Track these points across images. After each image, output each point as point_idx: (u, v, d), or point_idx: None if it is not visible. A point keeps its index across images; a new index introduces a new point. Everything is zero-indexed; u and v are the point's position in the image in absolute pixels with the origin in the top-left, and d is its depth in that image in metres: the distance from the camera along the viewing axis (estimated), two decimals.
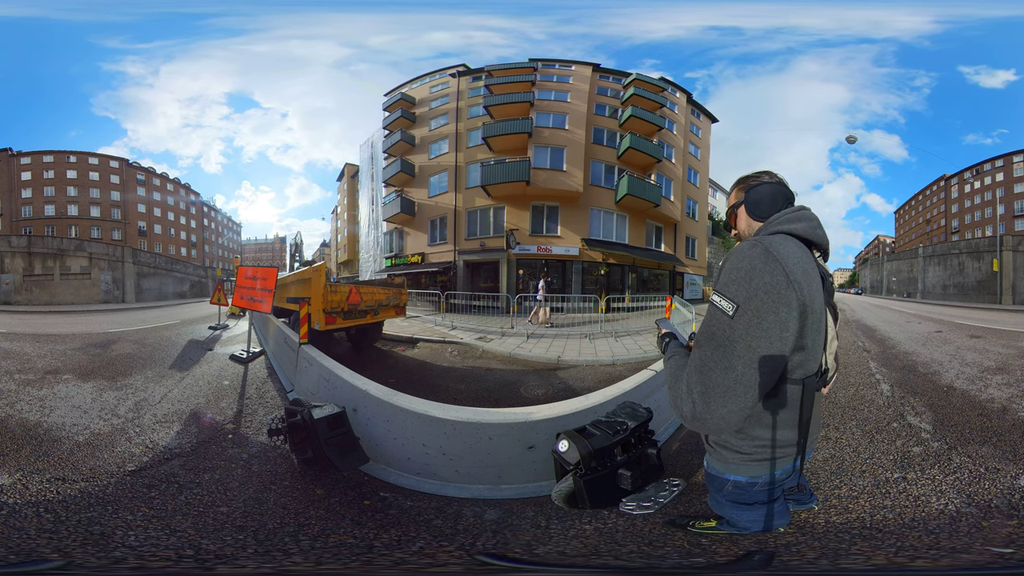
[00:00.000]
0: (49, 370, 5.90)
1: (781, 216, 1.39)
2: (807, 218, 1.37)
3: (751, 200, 1.49)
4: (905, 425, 3.87)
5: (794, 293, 1.16)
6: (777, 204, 1.45)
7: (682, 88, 25.55)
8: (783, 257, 1.19)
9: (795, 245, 1.26)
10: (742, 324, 1.17)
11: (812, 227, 1.35)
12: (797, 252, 1.24)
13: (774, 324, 1.16)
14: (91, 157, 43.61)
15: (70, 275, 23.68)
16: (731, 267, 1.25)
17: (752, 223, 1.50)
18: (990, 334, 9.38)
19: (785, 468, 1.38)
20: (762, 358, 1.17)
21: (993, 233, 33.84)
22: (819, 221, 1.39)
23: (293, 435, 3.16)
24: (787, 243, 1.25)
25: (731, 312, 1.19)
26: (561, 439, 1.57)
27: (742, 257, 1.23)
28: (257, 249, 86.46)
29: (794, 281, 1.17)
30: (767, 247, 1.21)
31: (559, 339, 9.76)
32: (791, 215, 1.38)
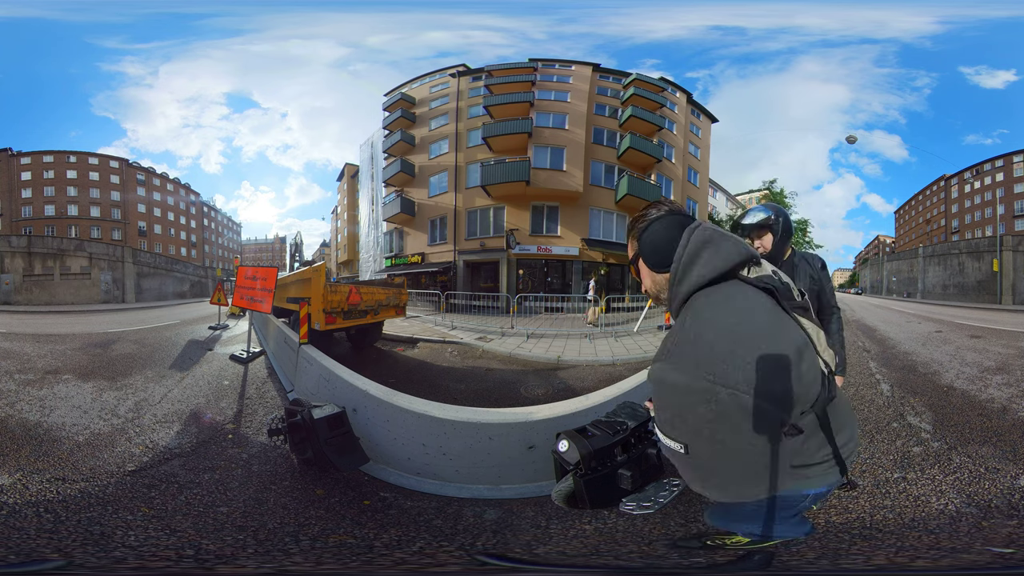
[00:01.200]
0: (49, 370, 5.90)
1: (680, 266, 1.14)
2: (704, 242, 1.13)
3: (646, 251, 1.24)
4: (905, 425, 3.87)
5: (751, 395, 0.96)
6: (674, 243, 1.17)
7: (682, 88, 25.54)
8: (718, 366, 0.97)
9: (717, 305, 1.06)
10: (700, 459, 1.03)
11: (715, 253, 1.11)
12: (724, 320, 1.03)
13: (745, 439, 0.98)
14: (91, 157, 43.58)
15: (70, 275, 23.68)
16: (659, 403, 1.09)
17: (656, 277, 1.24)
18: (990, 334, 9.38)
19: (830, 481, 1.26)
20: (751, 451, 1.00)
21: (993, 233, 33.83)
22: (718, 233, 1.16)
23: (293, 435, 3.16)
24: (706, 324, 1.04)
25: (682, 450, 1.04)
26: (561, 439, 1.57)
27: (664, 390, 1.05)
28: (257, 249, 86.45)
29: (745, 383, 0.96)
30: (688, 367, 0.99)
31: (559, 339, 9.76)
32: (688, 257, 1.13)
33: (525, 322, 11.89)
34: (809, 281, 2.51)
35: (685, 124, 25.44)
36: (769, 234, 2.47)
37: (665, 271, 1.19)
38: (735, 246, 1.14)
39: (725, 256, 1.11)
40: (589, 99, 21.29)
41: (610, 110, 21.99)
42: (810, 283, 2.51)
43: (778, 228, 2.45)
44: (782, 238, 2.47)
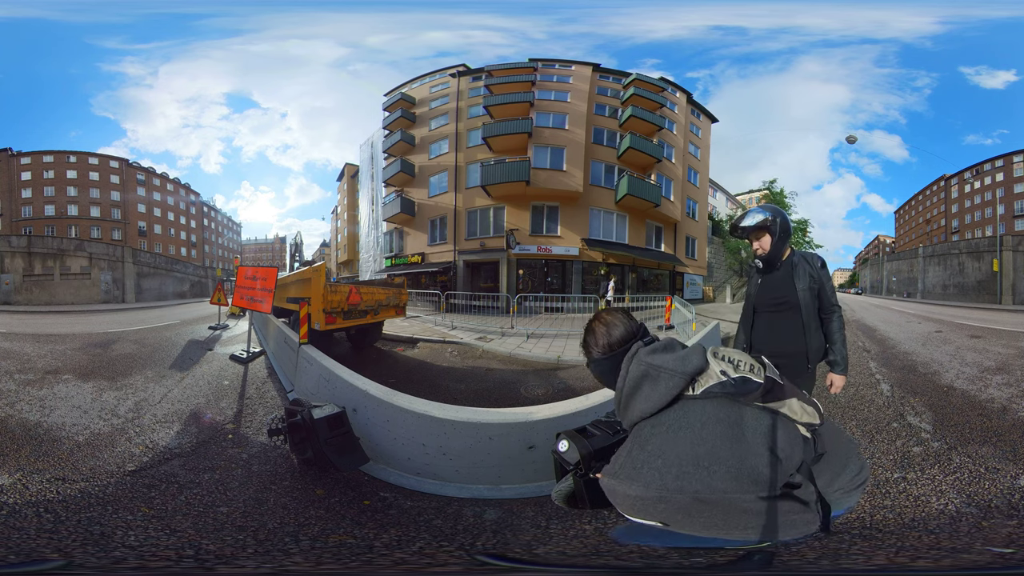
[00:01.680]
0: (49, 370, 5.90)
1: (624, 396, 1.24)
2: (646, 376, 1.21)
3: (598, 378, 1.38)
4: (905, 425, 3.87)
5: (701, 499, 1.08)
6: (614, 374, 1.30)
7: (682, 88, 25.56)
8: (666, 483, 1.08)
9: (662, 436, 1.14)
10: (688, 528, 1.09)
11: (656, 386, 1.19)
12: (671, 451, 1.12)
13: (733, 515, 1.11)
14: (91, 157, 43.58)
15: (70, 275, 23.68)
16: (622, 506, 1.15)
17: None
18: (990, 334, 9.38)
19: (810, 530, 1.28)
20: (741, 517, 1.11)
21: (993, 233, 33.82)
22: (655, 366, 1.21)
23: (293, 435, 3.16)
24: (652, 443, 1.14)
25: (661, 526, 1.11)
26: (561, 439, 1.56)
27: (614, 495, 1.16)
28: (257, 249, 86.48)
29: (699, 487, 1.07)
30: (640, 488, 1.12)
31: (559, 339, 9.76)
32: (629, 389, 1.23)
33: (525, 322, 11.89)
34: (809, 280, 2.50)
35: (685, 124, 25.45)
36: (767, 235, 2.48)
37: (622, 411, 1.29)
38: (670, 379, 1.19)
39: (663, 391, 1.18)
40: (589, 99, 21.29)
41: (610, 110, 21.99)
42: (810, 282, 2.50)
43: (776, 229, 2.46)
44: (780, 239, 2.48)
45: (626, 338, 1.36)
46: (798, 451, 1.18)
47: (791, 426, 1.22)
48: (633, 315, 1.49)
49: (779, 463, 1.13)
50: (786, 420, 1.22)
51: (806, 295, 2.48)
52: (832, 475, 1.27)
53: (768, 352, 2.48)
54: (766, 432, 1.15)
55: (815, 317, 2.51)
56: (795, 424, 1.23)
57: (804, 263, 2.53)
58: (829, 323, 2.53)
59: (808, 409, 1.27)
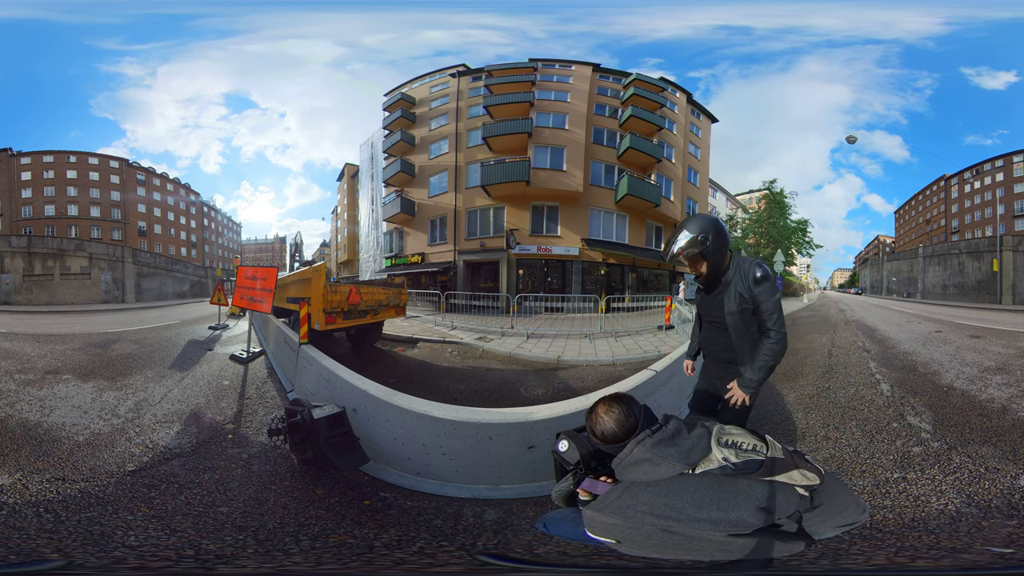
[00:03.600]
0: (49, 370, 5.90)
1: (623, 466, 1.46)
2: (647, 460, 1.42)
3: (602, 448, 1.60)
4: (905, 425, 3.87)
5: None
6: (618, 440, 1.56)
7: (682, 88, 25.55)
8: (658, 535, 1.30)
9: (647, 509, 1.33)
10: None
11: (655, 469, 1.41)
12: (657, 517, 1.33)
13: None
14: (91, 157, 43.56)
15: (70, 275, 23.67)
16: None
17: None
18: (990, 334, 9.38)
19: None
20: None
21: (993, 233, 33.82)
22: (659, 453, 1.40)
23: (293, 435, 3.16)
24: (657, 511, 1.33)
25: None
26: (561, 439, 1.57)
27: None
28: (257, 249, 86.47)
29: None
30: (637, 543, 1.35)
31: (559, 339, 9.76)
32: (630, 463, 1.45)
33: (525, 322, 11.89)
34: (739, 301, 2.20)
35: (685, 124, 25.44)
36: (700, 259, 2.22)
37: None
38: (672, 468, 1.37)
39: (662, 474, 1.36)
40: (589, 99, 21.29)
41: (610, 110, 21.99)
42: (739, 303, 2.20)
43: (709, 251, 2.17)
44: (717, 258, 2.21)
45: (626, 435, 1.49)
46: (792, 506, 1.33)
47: (788, 489, 1.37)
48: (635, 402, 1.59)
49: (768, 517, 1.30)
50: (783, 485, 1.37)
51: (734, 319, 2.21)
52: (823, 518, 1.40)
53: (713, 359, 2.47)
54: (759, 498, 1.32)
55: (747, 338, 2.23)
56: (793, 487, 1.38)
57: (738, 279, 2.21)
58: (760, 345, 2.20)
59: (808, 475, 1.40)
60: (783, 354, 2.20)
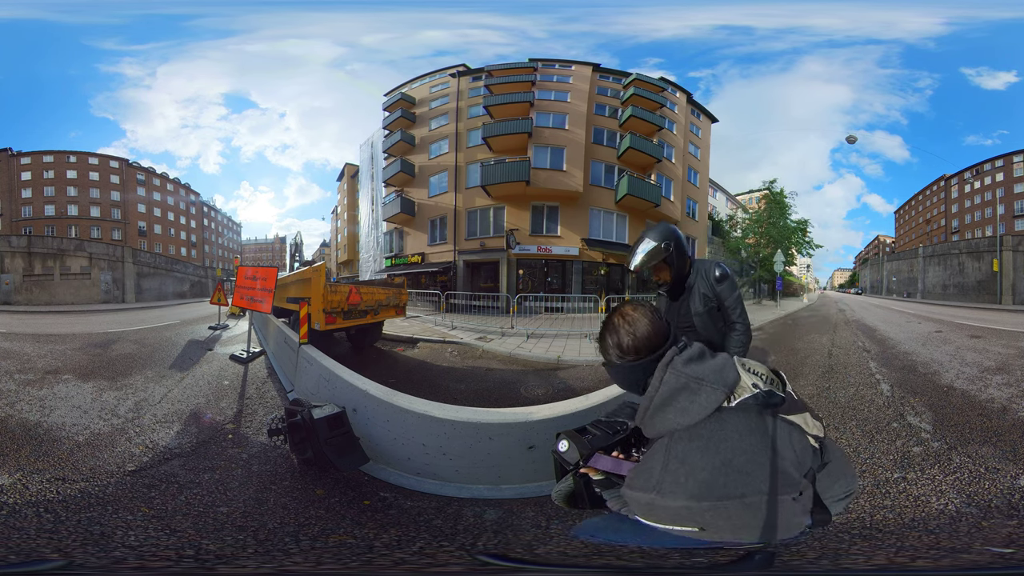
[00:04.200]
0: (49, 370, 5.90)
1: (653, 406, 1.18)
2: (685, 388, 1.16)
3: (617, 381, 1.39)
4: (905, 425, 3.87)
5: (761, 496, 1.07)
6: (640, 382, 1.27)
7: (682, 88, 25.56)
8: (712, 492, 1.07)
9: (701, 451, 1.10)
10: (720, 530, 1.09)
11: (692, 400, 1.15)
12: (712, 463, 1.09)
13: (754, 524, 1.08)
14: (91, 157, 43.57)
15: (70, 275, 23.68)
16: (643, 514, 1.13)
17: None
18: (990, 334, 9.38)
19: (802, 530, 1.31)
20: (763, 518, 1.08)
21: (993, 233, 33.82)
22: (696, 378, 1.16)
23: (293, 435, 3.16)
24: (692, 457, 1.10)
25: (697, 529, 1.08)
26: (561, 439, 1.56)
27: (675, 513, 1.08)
28: (257, 249, 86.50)
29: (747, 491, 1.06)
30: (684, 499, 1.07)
31: (559, 339, 9.76)
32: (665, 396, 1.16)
33: (525, 322, 11.89)
34: (703, 302, 2.31)
35: (685, 124, 25.45)
36: (665, 267, 2.29)
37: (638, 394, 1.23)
38: (712, 393, 1.13)
39: (703, 405, 1.12)
40: (589, 99, 21.29)
41: (610, 110, 21.99)
42: (705, 303, 2.31)
43: (672, 258, 2.25)
44: (680, 263, 2.29)
45: (655, 340, 1.23)
46: (808, 459, 1.19)
47: (805, 437, 1.23)
48: (659, 310, 1.36)
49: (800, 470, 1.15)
50: (801, 431, 1.23)
51: (702, 319, 2.33)
52: (831, 481, 1.29)
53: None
54: (789, 441, 1.16)
55: (715, 335, 2.37)
56: (806, 435, 1.25)
57: (701, 280, 2.33)
58: (728, 338, 2.35)
59: (816, 423, 1.28)
60: (750, 342, 2.40)
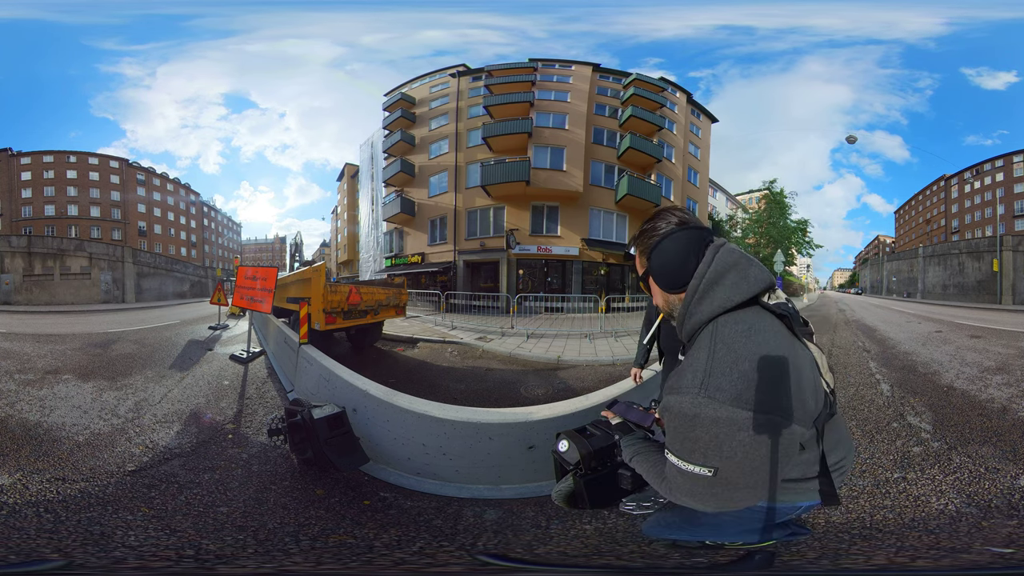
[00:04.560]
0: (49, 370, 5.90)
1: (700, 286, 1.06)
2: (729, 266, 1.06)
3: (656, 270, 1.14)
4: (905, 425, 3.87)
5: (780, 415, 0.95)
6: (689, 261, 1.09)
7: (682, 88, 25.56)
8: (748, 394, 0.93)
9: (742, 336, 1.00)
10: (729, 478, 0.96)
11: (741, 277, 1.05)
12: (750, 349, 0.97)
13: (774, 455, 0.96)
14: (91, 157, 43.56)
15: (70, 275, 23.67)
16: (682, 435, 0.98)
17: (670, 297, 1.15)
18: (990, 334, 9.38)
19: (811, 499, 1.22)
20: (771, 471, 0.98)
21: (993, 233, 33.82)
22: (744, 257, 1.08)
23: (293, 435, 3.16)
24: (732, 352, 0.97)
25: (711, 474, 0.96)
26: (561, 439, 1.56)
27: (692, 425, 0.95)
28: (257, 249, 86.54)
29: (774, 404, 0.94)
30: (722, 401, 0.93)
31: (559, 339, 9.76)
32: (710, 278, 1.05)
33: (525, 322, 11.89)
34: None
35: (685, 124, 25.45)
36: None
37: (679, 291, 1.11)
38: (761, 272, 1.08)
39: (752, 283, 1.05)
40: (589, 99, 21.29)
41: (610, 110, 21.99)
42: None
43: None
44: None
45: (699, 226, 1.16)
46: (821, 401, 1.09)
47: (820, 377, 1.13)
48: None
49: (816, 405, 1.06)
50: (818, 369, 1.13)
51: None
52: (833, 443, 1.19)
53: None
54: (810, 369, 1.07)
55: None
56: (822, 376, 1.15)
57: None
58: None
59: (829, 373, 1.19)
60: None
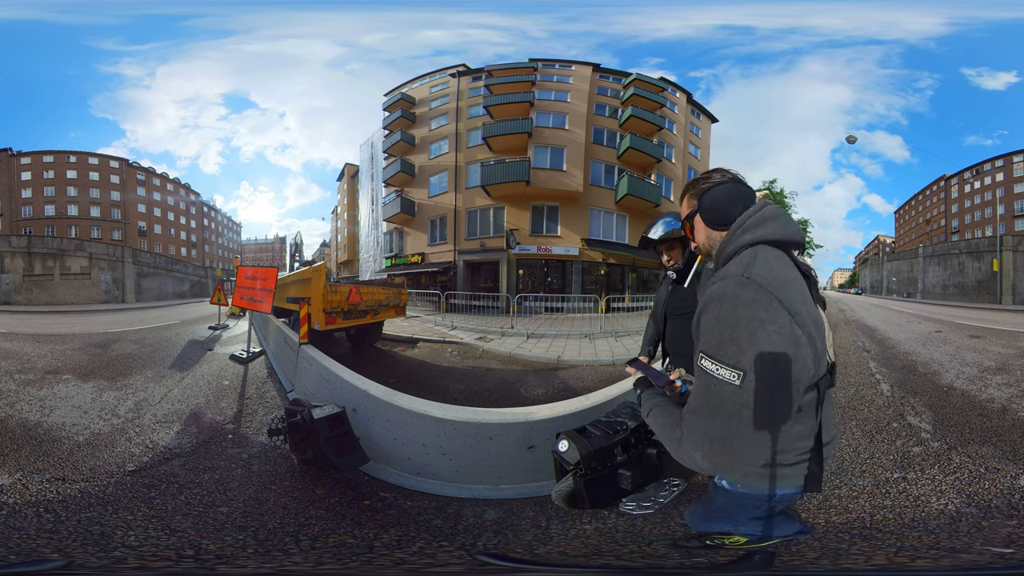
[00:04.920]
0: (49, 370, 5.90)
1: (746, 223, 1.20)
2: (773, 217, 1.20)
3: (707, 207, 1.29)
4: (905, 425, 3.87)
5: (801, 331, 1.02)
6: (736, 206, 1.25)
7: (682, 88, 25.57)
8: (781, 292, 1.03)
9: (776, 259, 1.11)
10: (754, 390, 0.99)
11: (783, 225, 1.19)
12: (784, 270, 1.09)
13: (791, 377, 1.01)
14: (91, 157, 43.57)
15: (70, 275, 23.67)
16: (722, 321, 1.04)
17: (712, 234, 1.30)
18: (990, 334, 9.38)
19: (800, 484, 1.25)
20: (784, 404, 1.04)
21: (993, 233, 33.82)
22: (786, 214, 1.24)
23: (293, 435, 3.16)
24: (771, 263, 1.09)
25: (738, 382, 1.00)
26: (561, 439, 1.56)
27: (735, 305, 1.03)
28: (257, 249, 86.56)
29: (797, 317, 1.02)
30: (760, 285, 1.03)
31: (559, 339, 9.76)
32: (756, 219, 1.19)
33: (525, 322, 11.89)
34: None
35: (685, 124, 25.46)
36: (679, 247, 2.30)
37: (722, 229, 1.26)
38: (797, 229, 1.21)
39: (793, 231, 1.19)
40: (589, 99, 21.30)
41: (610, 110, 22.00)
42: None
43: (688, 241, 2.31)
44: (692, 251, 2.30)
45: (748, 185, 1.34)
46: (823, 365, 1.15)
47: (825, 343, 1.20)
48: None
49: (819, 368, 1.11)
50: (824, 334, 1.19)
51: None
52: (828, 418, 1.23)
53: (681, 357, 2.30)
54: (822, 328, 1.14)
55: None
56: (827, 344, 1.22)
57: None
58: None
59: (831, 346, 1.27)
60: None
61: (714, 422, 1.04)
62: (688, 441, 1.10)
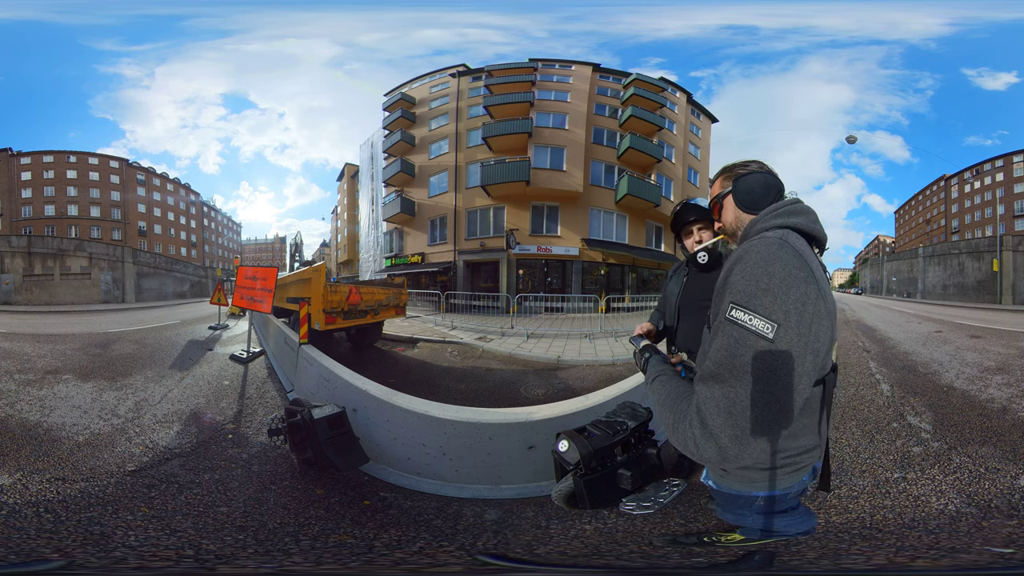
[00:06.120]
0: (49, 370, 5.90)
1: (779, 209, 1.22)
2: (805, 211, 1.22)
3: (741, 190, 1.32)
4: (905, 425, 3.87)
5: (823, 303, 1.02)
6: (769, 195, 1.29)
7: (682, 88, 25.58)
8: (813, 264, 1.04)
9: (804, 245, 1.12)
10: (785, 347, 0.95)
11: (812, 220, 1.21)
12: (810, 251, 1.12)
13: (818, 340, 1.00)
14: (91, 157, 43.58)
15: (70, 275, 23.68)
16: (757, 272, 1.00)
17: (741, 216, 1.33)
18: (990, 334, 9.38)
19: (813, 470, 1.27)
20: (805, 380, 0.99)
21: (993, 233, 33.83)
22: (816, 214, 1.25)
23: (293, 435, 3.15)
24: (802, 243, 1.11)
25: (771, 334, 0.94)
26: (561, 439, 1.56)
27: (770, 260, 1.01)
28: (257, 249, 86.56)
29: (822, 287, 1.04)
30: (795, 247, 1.04)
31: (559, 339, 9.76)
32: (789, 208, 1.22)
33: (525, 322, 11.89)
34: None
35: (685, 124, 25.46)
36: (711, 231, 2.13)
37: (751, 212, 1.30)
38: (823, 230, 1.24)
39: (819, 230, 1.21)
40: (589, 99, 21.30)
41: (610, 110, 22.00)
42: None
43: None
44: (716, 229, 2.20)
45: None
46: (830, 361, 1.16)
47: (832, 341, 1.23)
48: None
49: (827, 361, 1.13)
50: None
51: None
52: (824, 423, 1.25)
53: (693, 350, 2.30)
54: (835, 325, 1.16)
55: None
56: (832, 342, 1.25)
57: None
58: None
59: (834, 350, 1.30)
60: None
61: (735, 387, 0.95)
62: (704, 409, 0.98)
